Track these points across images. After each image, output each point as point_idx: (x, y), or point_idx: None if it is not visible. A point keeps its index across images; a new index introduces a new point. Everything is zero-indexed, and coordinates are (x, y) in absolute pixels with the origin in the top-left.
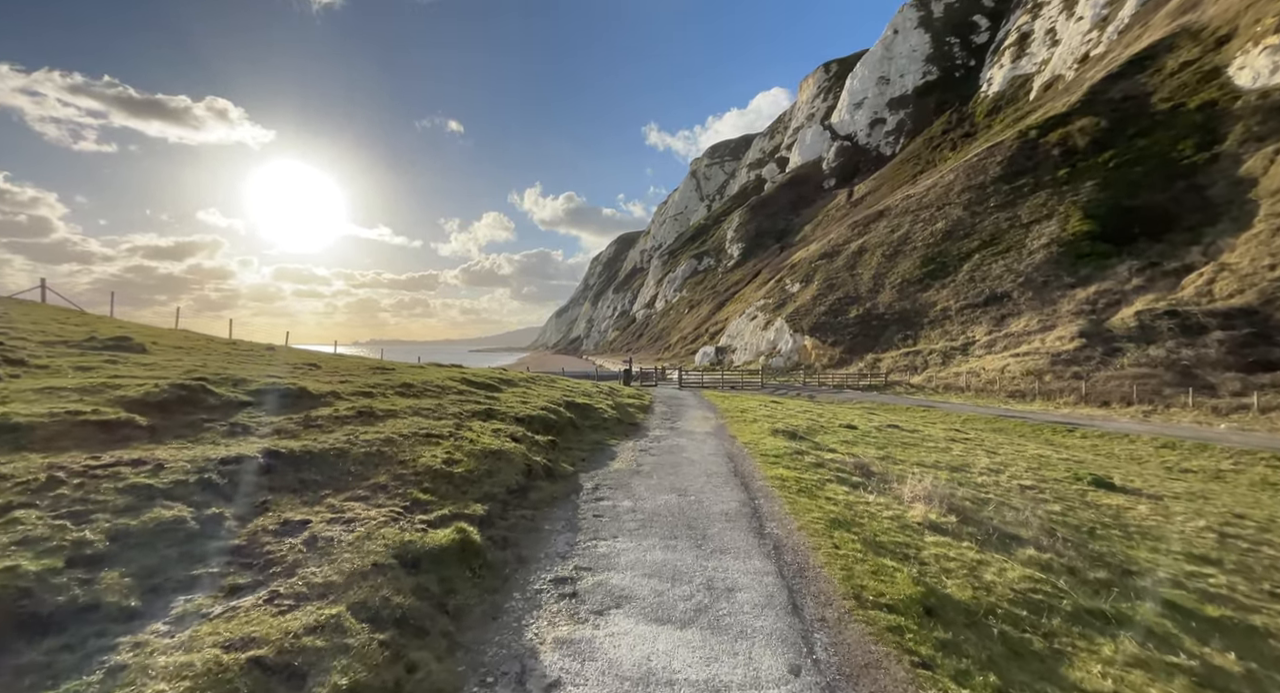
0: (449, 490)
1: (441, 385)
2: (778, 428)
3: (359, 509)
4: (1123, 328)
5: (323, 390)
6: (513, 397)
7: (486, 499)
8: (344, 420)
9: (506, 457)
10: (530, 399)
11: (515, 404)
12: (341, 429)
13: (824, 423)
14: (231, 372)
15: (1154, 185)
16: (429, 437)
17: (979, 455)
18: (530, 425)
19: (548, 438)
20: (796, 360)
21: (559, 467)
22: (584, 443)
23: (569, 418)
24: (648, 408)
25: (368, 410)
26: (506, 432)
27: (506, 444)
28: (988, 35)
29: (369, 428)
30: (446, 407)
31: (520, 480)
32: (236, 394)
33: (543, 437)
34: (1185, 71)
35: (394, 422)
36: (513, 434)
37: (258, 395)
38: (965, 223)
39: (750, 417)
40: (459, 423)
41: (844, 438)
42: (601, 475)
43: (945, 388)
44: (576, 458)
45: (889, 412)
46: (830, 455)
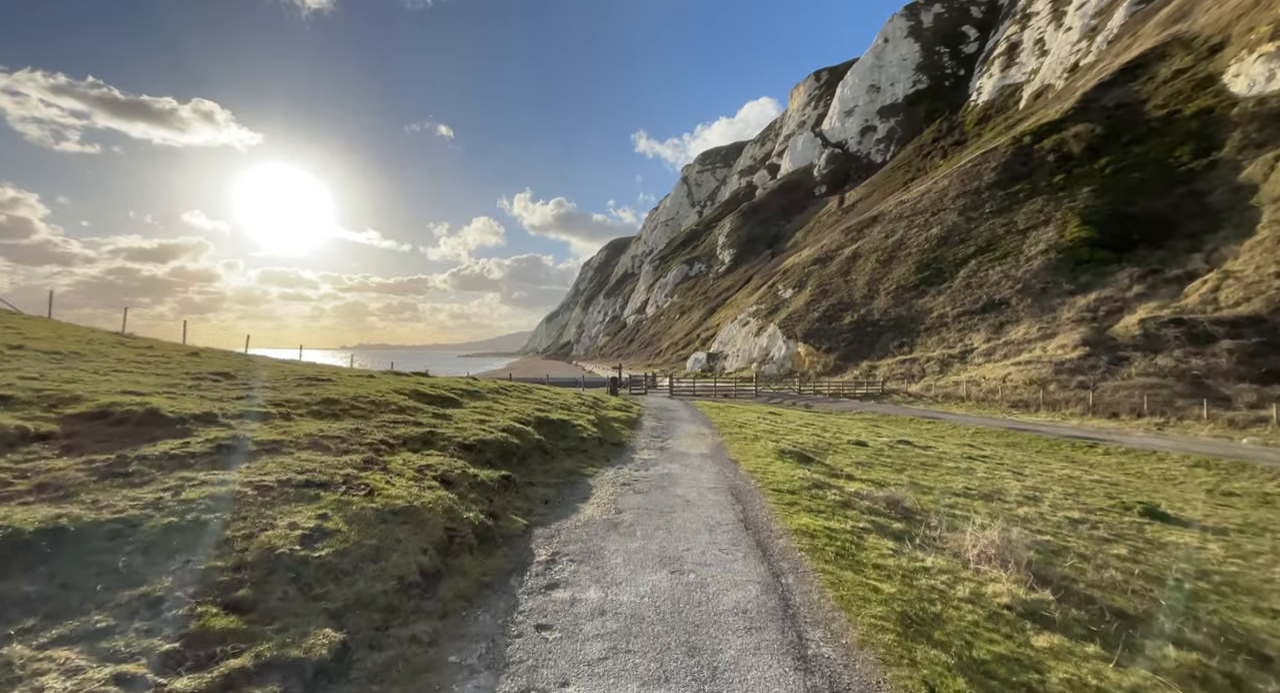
0: (283, 605)
1: (379, 401)
2: (783, 448)
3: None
4: (1127, 336)
5: (187, 413)
6: (471, 414)
7: (356, 609)
8: (184, 462)
9: (419, 517)
10: (492, 417)
11: (469, 425)
12: (168, 478)
13: (830, 439)
14: (70, 387)
15: (1152, 192)
16: (308, 486)
17: (1006, 478)
18: (479, 456)
19: (499, 475)
20: (790, 367)
21: (504, 521)
22: (552, 475)
23: (537, 440)
24: (635, 422)
25: (236, 444)
26: (439, 470)
27: (426, 495)
28: (977, 45)
29: (217, 475)
30: (369, 433)
31: (428, 562)
32: (32, 422)
33: (492, 473)
34: (1179, 79)
35: (271, 460)
36: (446, 473)
37: (69, 424)
38: (961, 229)
39: (750, 432)
40: (372, 459)
41: (857, 459)
42: (565, 533)
43: (945, 397)
44: (536, 501)
45: (894, 424)
46: (852, 486)
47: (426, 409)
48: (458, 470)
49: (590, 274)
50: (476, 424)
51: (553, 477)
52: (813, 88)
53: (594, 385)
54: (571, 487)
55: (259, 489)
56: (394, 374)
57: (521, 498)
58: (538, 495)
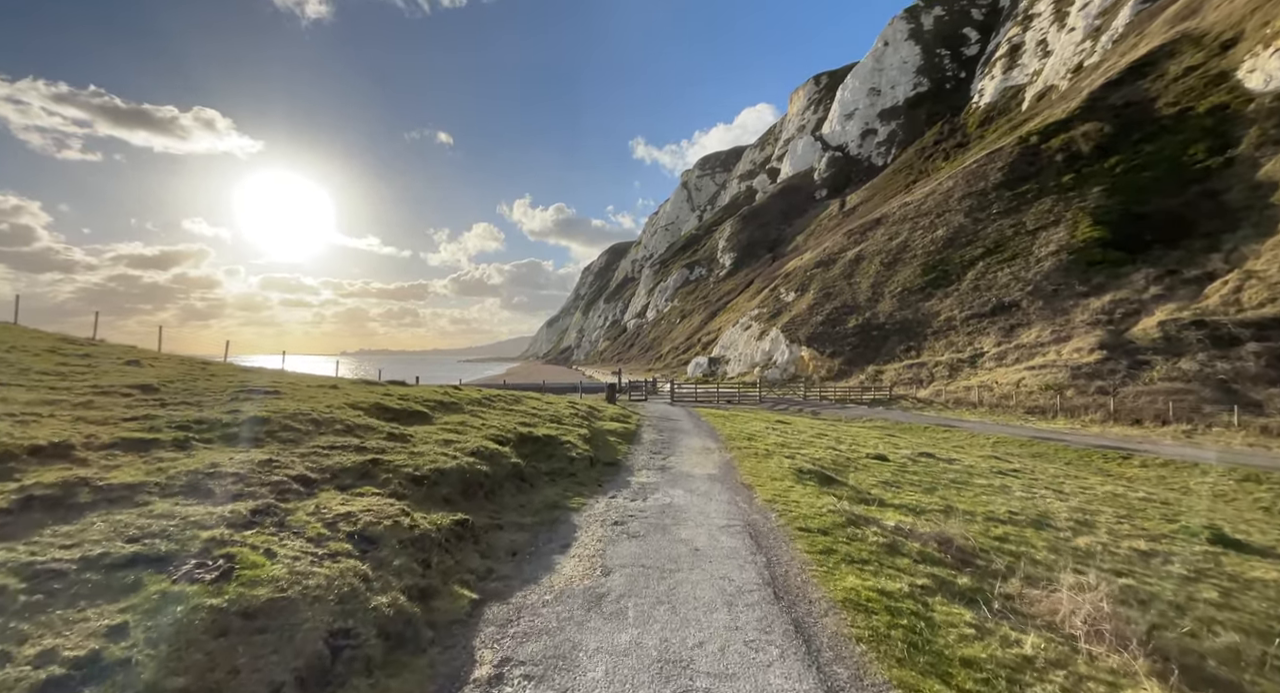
0: None
1: (323, 419)
2: (801, 467)
3: None
4: (1146, 339)
5: (24, 445)
6: (437, 433)
7: None
8: None
9: (289, 617)
10: (464, 436)
11: (429, 448)
12: None
13: (847, 453)
14: None
15: (1165, 191)
16: (132, 565)
17: (1047, 498)
18: (430, 493)
19: (452, 519)
20: (793, 372)
21: (443, 599)
22: (528, 511)
23: (513, 465)
24: (634, 435)
25: (62, 494)
26: (361, 520)
27: (322, 569)
28: (978, 47)
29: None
30: (287, 464)
31: None
32: None
33: (442, 518)
34: (1190, 76)
35: (102, 518)
36: (370, 526)
37: None
38: (967, 230)
39: (760, 446)
40: (269, 507)
41: (881, 477)
42: (528, 617)
43: (956, 403)
44: (500, 554)
45: (909, 433)
46: (889, 518)
47: (382, 428)
48: (389, 520)
49: (590, 279)
50: (439, 447)
51: (528, 514)
52: (812, 92)
53: (592, 391)
54: (550, 529)
55: (43, 576)
56: (365, 383)
57: (479, 552)
58: (503, 545)
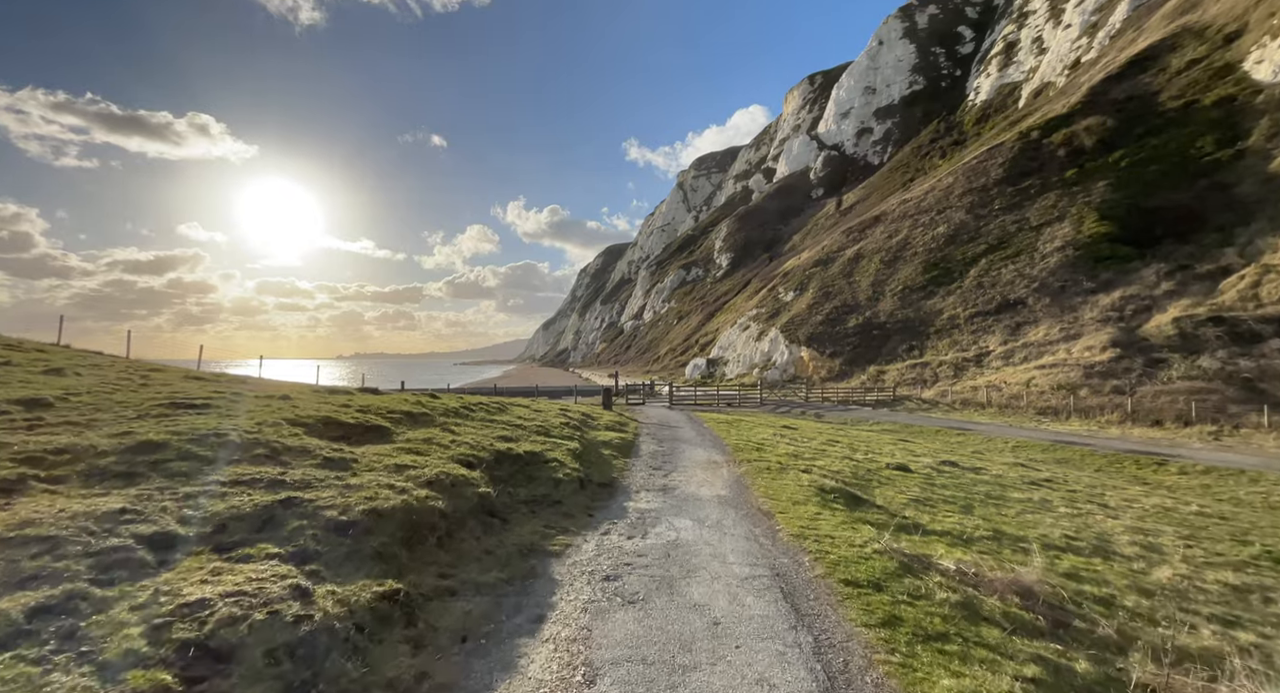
0: None
1: (246, 442)
2: (823, 485)
3: None
4: (1161, 337)
5: None
6: (391, 456)
7: None
8: None
9: None
10: (425, 457)
11: (372, 478)
12: None
13: (865, 463)
14: None
15: (1173, 184)
16: None
17: (1095, 514)
18: (354, 548)
19: (373, 592)
20: (793, 373)
21: None
22: (495, 560)
23: (480, 495)
24: (631, 446)
25: None
26: (215, 614)
27: None
28: (973, 45)
29: None
30: (150, 515)
31: None
32: None
33: (362, 587)
34: (1194, 69)
35: None
36: (217, 633)
37: None
38: (969, 226)
39: (772, 457)
40: (65, 600)
41: (911, 494)
42: None
43: (964, 403)
44: (439, 642)
45: (922, 437)
46: (947, 557)
47: (319, 451)
48: (265, 609)
49: (587, 281)
50: (387, 475)
51: (494, 566)
52: (807, 91)
53: (588, 394)
54: (521, 589)
55: None
56: (330, 391)
57: (412, 641)
58: (451, 624)
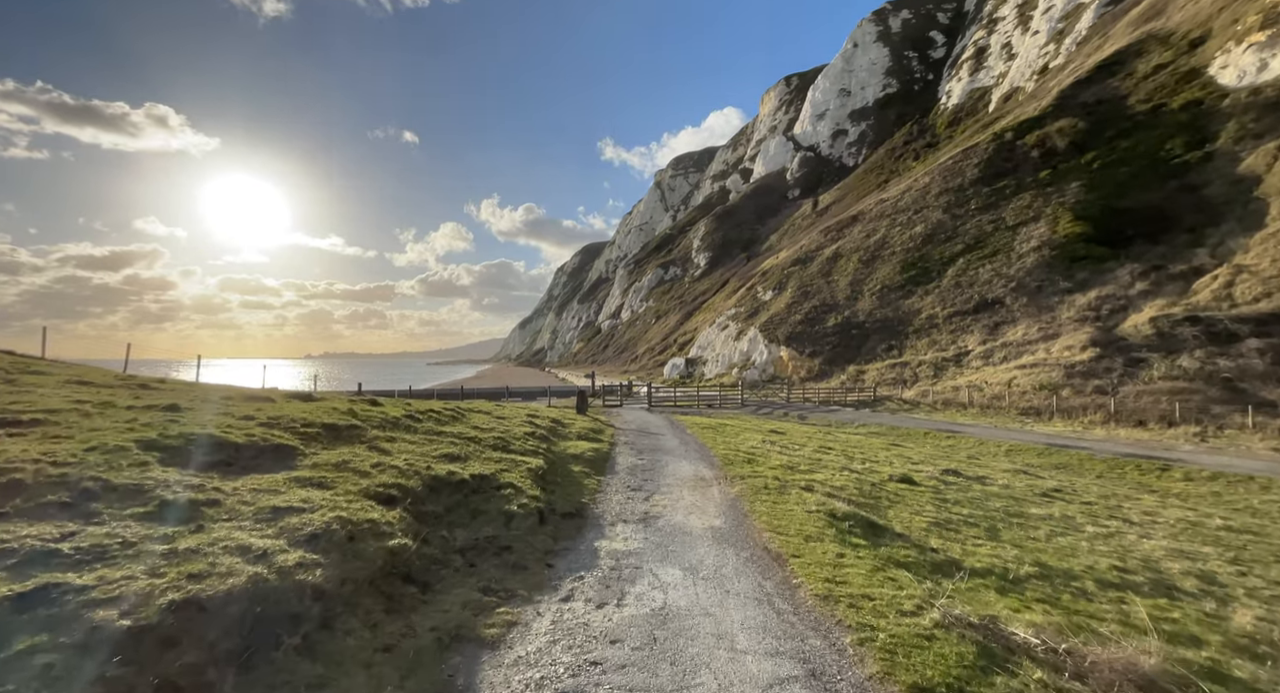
0: None
1: (51, 482)
2: (833, 509)
3: None
4: (1139, 336)
5: None
6: (271, 495)
7: None
8: None
9: None
10: (325, 492)
11: (223, 537)
12: None
13: (865, 475)
14: None
15: (1144, 186)
16: None
17: (1126, 534)
18: (132, 683)
19: None
20: (773, 373)
21: None
22: (394, 661)
23: (392, 550)
24: (606, 460)
25: None
26: None
27: None
28: (944, 50)
29: None
30: None
31: None
32: None
33: None
34: (1160, 74)
35: None
36: None
37: None
38: (946, 226)
39: (766, 471)
40: None
41: (927, 514)
42: None
43: (945, 404)
44: None
45: (911, 441)
46: (1017, 622)
47: (164, 490)
48: None
49: (564, 279)
50: (252, 528)
51: (389, 678)
52: (783, 93)
53: (563, 395)
54: None
55: None
56: (244, 398)
57: None
58: None
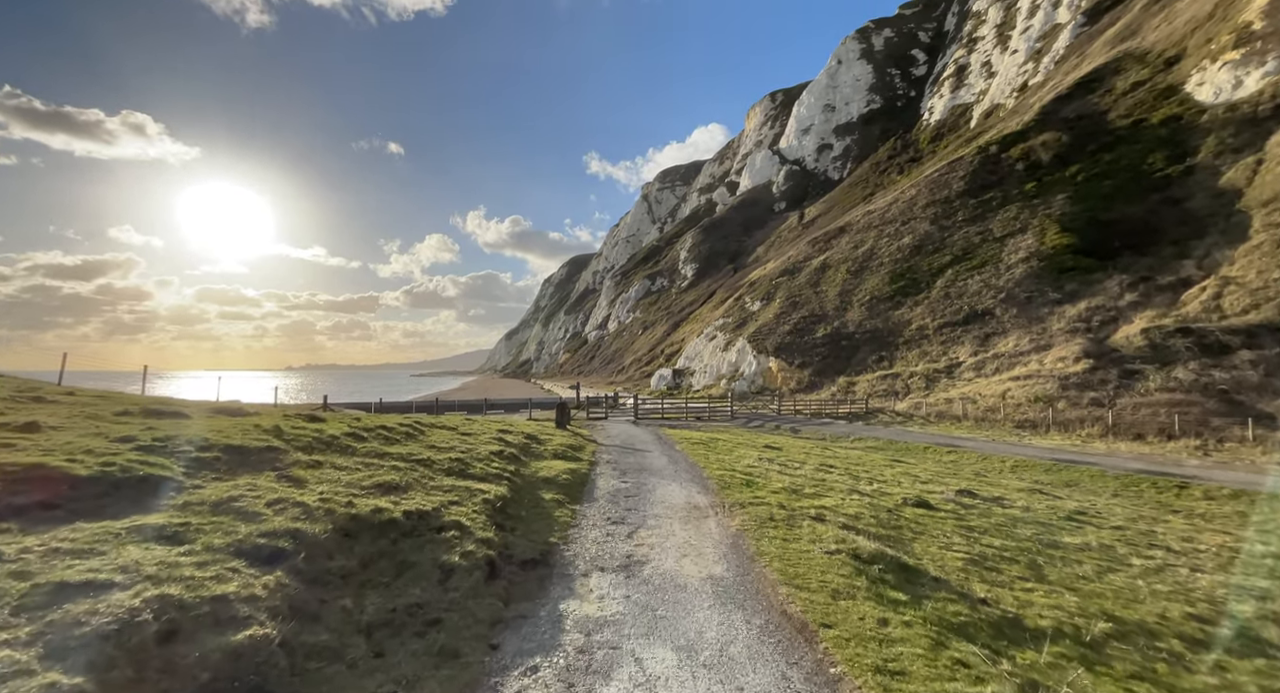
0: None
1: None
2: (856, 548)
3: None
4: (1131, 347)
5: None
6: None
7: None
8: None
9: None
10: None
11: None
12: None
13: (876, 498)
14: None
15: (1128, 198)
16: None
17: (1176, 567)
18: None
19: None
20: (762, 384)
21: None
22: None
23: (245, 642)
24: (584, 485)
25: None
26: None
27: None
28: (926, 68)
29: None
30: None
31: None
32: None
33: None
34: (1138, 91)
35: None
36: None
37: None
38: (934, 237)
39: (768, 496)
40: None
41: (957, 548)
42: None
43: (939, 416)
44: None
45: (911, 455)
46: None
47: None
48: None
49: (551, 291)
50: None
51: None
52: (769, 108)
53: (547, 407)
54: None
55: None
56: (142, 412)
57: None
58: None
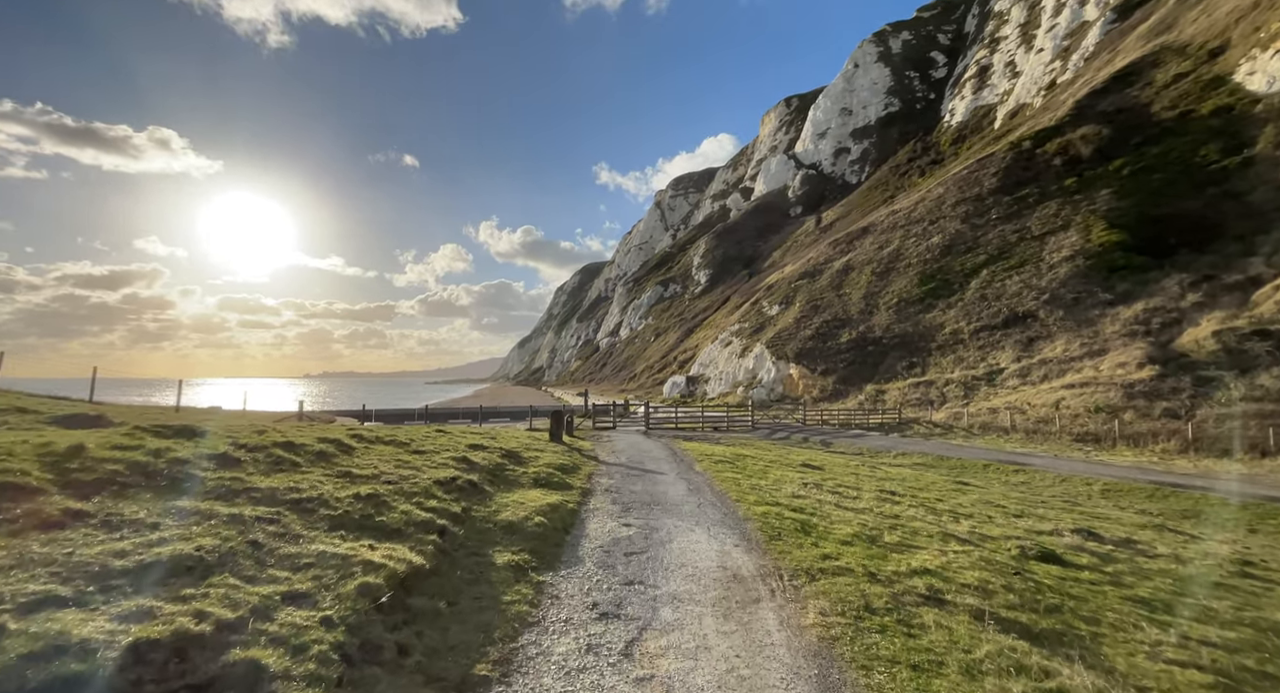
0: None
1: None
2: (1026, 668)
3: None
4: (1202, 353)
5: None
6: None
7: None
8: None
9: None
10: None
11: None
12: None
13: (984, 547)
14: None
15: (1180, 192)
16: None
17: None
18: None
19: None
20: (781, 392)
21: None
22: None
23: None
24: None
25: None
26: None
27: None
28: (946, 70)
29: None
30: None
31: None
32: None
33: None
34: (1182, 83)
35: None
36: None
37: None
38: (966, 236)
39: (831, 543)
40: None
41: (1185, 658)
42: None
43: (983, 428)
44: None
45: (974, 476)
46: None
47: None
48: None
49: (564, 299)
50: None
51: None
52: (784, 113)
53: (549, 416)
54: None
55: None
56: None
57: None
58: None
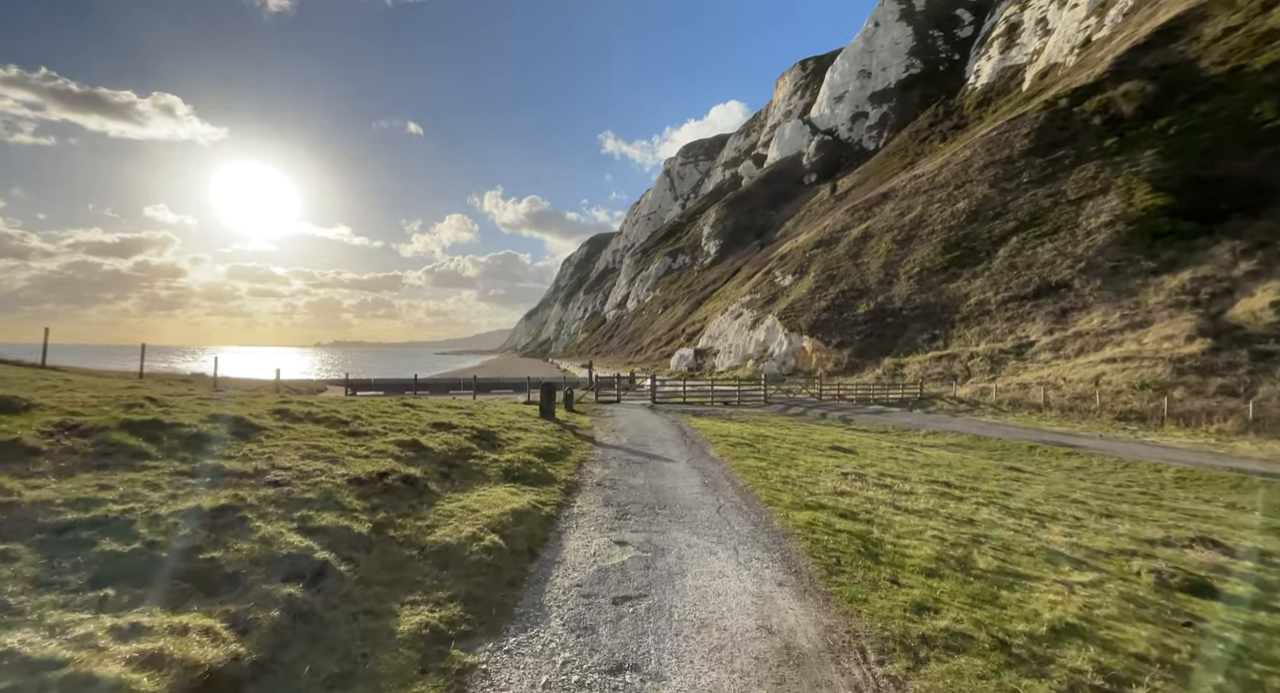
0: None
1: None
2: None
3: None
4: (1259, 325)
5: None
6: None
7: None
8: None
9: None
10: None
11: None
12: None
13: (1089, 561)
14: None
15: (1231, 153)
16: None
17: None
18: None
19: None
20: (794, 365)
21: None
22: None
23: None
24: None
25: None
26: None
27: None
28: (972, 29)
29: None
30: None
31: None
32: None
33: None
34: (1233, 36)
35: None
36: None
37: None
38: (994, 201)
39: (910, 574)
40: None
41: None
42: None
43: (1013, 404)
44: None
45: (1017, 459)
46: None
47: None
48: None
49: (571, 270)
50: None
51: None
52: (799, 77)
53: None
54: None
55: None
56: None
57: None
58: None
